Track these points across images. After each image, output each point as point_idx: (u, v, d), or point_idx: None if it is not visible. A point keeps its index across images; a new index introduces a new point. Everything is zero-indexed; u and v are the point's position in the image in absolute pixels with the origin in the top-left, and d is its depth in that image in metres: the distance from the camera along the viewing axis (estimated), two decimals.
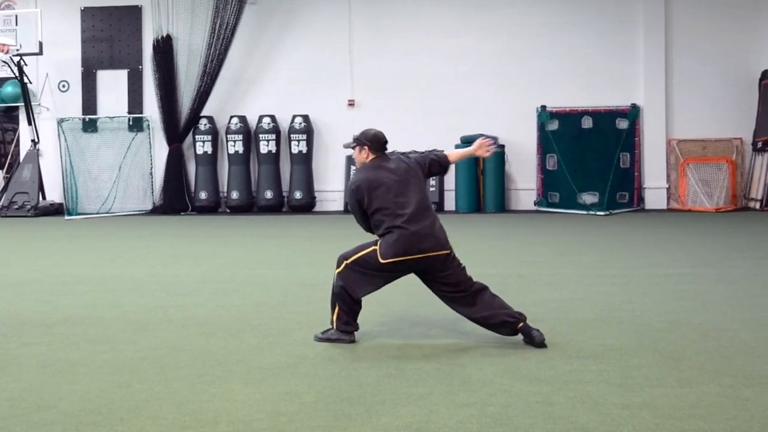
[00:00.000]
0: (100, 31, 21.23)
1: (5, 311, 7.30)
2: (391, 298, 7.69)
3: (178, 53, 20.59)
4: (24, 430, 4.10)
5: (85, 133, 20.96)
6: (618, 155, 18.94)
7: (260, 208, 20.13)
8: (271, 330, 6.40)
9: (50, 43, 20.24)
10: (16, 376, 5.15)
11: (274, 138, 20.13)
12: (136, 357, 5.59)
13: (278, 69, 20.62)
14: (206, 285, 8.73)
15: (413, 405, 4.42)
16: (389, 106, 20.14)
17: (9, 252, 12.63)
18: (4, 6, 21.48)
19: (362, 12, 20.40)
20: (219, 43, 20.09)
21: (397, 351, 5.64)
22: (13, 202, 20.06)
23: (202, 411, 4.37)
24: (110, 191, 20.59)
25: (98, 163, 20.79)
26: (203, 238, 14.39)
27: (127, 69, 21.23)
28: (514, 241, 13.07)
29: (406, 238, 5.86)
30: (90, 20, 21.27)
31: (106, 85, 21.30)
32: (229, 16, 20.01)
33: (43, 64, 20.89)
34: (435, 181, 19.50)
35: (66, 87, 21.35)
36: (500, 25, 19.95)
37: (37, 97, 21.20)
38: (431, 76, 20.06)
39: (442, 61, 20.04)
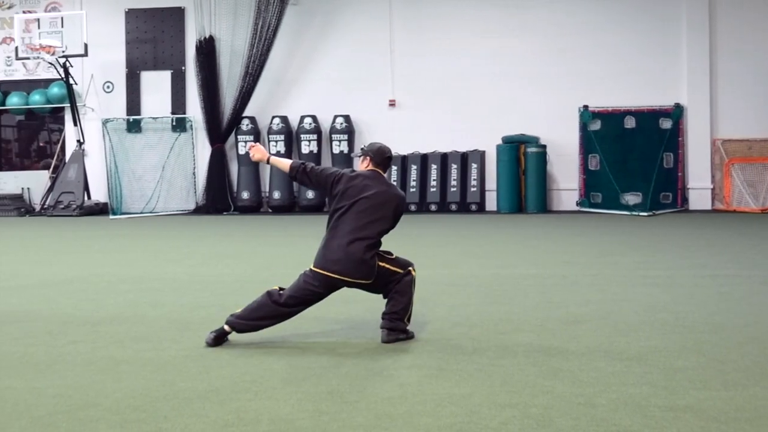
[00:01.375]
0: (143, 32, 21.46)
1: (51, 309, 7.40)
2: (432, 298, 7.69)
3: (221, 54, 20.75)
4: (69, 427, 4.15)
5: (129, 134, 21.20)
6: (661, 155, 18.74)
7: (302, 208, 20.21)
8: (313, 329, 6.42)
9: (95, 45, 20.47)
10: (61, 373, 5.21)
11: (315, 138, 20.20)
12: (179, 355, 5.63)
13: (319, 69, 20.69)
14: (248, 284, 8.77)
15: (455, 405, 4.41)
16: (429, 107, 20.13)
17: (55, 251, 12.80)
18: (50, 8, 21.77)
19: (403, 12, 20.40)
20: (261, 44, 20.21)
21: (438, 351, 5.62)
22: (59, 202, 20.34)
23: (244, 409, 4.40)
24: (154, 191, 20.79)
25: (142, 163, 21.00)
26: (245, 237, 14.48)
27: (170, 70, 21.43)
28: (556, 241, 12.98)
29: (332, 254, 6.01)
30: (134, 22, 21.50)
31: (149, 85, 21.53)
32: (270, 17, 20.11)
33: (88, 65, 21.16)
34: (476, 181, 19.46)
35: (110, 88, 21.60)
36: (541, 24, 19.85)
37: (83, 98, 21.47)
38: (471, 76, 20.00)
39: (482, 60, 19.97)
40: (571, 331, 6.23)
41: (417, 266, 6.25)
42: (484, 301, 7.56)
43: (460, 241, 13.12)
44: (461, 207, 19.50)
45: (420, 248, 12.19)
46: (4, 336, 6.30)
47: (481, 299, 7.64)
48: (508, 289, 8.18)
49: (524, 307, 7.24)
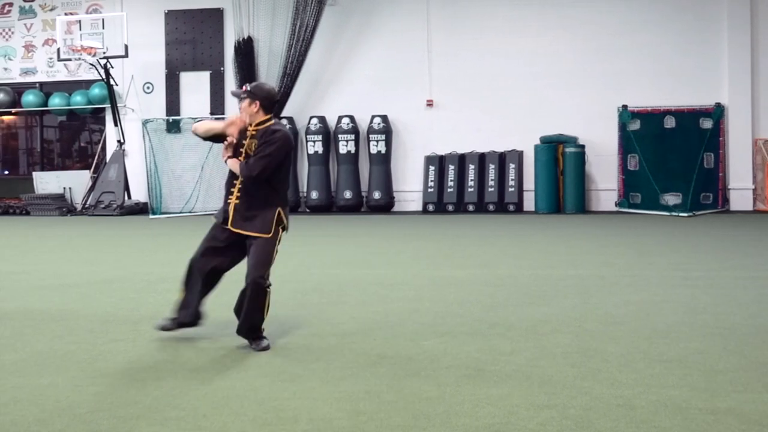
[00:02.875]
0: (183, 33, 21.63)
1: (93, 308, 7.49)
2: (469, 298, 7.68)
3: (259, 54, 20.85)
4: (110, 425, 4.20)
5: (169, 134, 21.37)
6: (702, 155, 18.54)
7: (339, 208, 20.25)
8: (350, 329, 6.43)
9: (135, 46, 20.67)
10: (103, 371, 5.27)
11: (353, 138, 20.24)
12: (218, 354, 5.68)
13: (357, 69, 20.73)
14: (286, 284, 8.81)
15: (492, 406, 4.40)
16: (467, 106, 20.10)
17: (96, 250, 12.95)
18: (91, 10, 22.02)
19: (440, 12, 20.37)
20: (299, 45, 20.28)
21: (476, 352, 5.61)
22: (99, 202, 20.57)
23: (282, 408, 4.42)
24: (192, 191, 20.94)
25: (181, 163, 21.16)
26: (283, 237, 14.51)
27: (209, 70, 21.59)
28: (595, 242, 12.90)
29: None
30: (173, 23, 21.68)
31: (189, 86, 21.71)
32: (308, 18, 20.18)
33: (129, 66, 21.37)
34: (514, 181, 19.40)
35: (150, 89, 21.80)
36: (578, 23, 19.73)
37: (123, 99, 21.69)
38: (509, 76, 19.93)
39: (519, 60, 19.90)
40: (610, 332, 6.19)
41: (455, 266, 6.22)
42: (521, 301, 7.54)
43: (498, 242, 13.09)
44: (499, 207, 19.44)
45: (458, 248, 12.18)
46: (46, 334, 6.38)
47: (518, 300, 7.61)
48: (546, 290, 8.14)
49: (562, 308, 7.20)
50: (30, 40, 22.73)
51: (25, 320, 6.97)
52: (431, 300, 7.68)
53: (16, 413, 4.37)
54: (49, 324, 6.79)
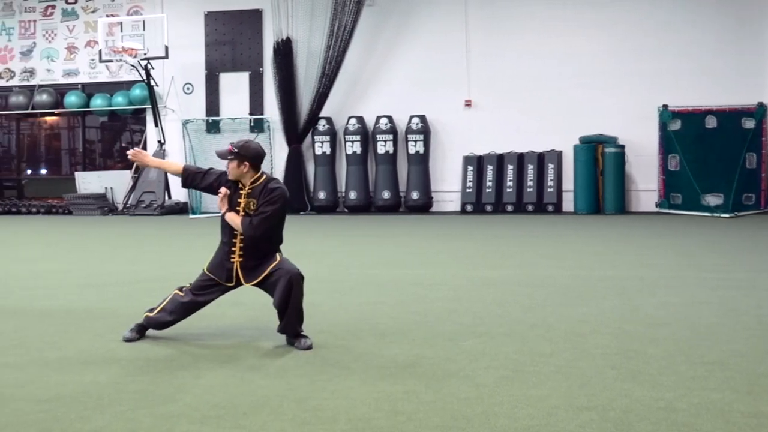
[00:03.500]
0: (222, 34, 21.78)
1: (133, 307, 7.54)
2: (508, 299, 7.66)
3: (298, 55, 20.94)
4: (151, 423, 4.23)
5: (209, 134, 21.54)
6: (744, 155, 18.30)
7: (377, 208, 20.27)
8: (389, 329, 6.43)
9: (175, 47, 20.85)
10: (143, 369, 5.32)
11: (391, 138, 20.25)
12: (257, 354, 5.71)
13: (395, 70, 20.74)
14: (324, 284, 8.84)
15: (532, 407, 4.38)
16: (506, 106, 20.03)
17: (137, 249, 13.08)
18: (132, 11, 22.24)
19: (478, 12, 20.32)
20: (337, 45, 20.33)
21: (514, 353, 5.59)
22: (140, 201, 20.78)
23: (321, 408, 4.43)
24: None
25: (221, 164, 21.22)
26: (321, 237, 14.59)
27: (248, 71, 21.71)
28: (634, 243, 12.79)
29: None
30: (213, 24, 21.83)
31: (228, 87, 21.85)
32: (347, 18, 20.23)
33: (169, 67, 21.55)
34: (553, 182, 19.30)
35: (190, 89, 21.98)
36: (617, 22, 19.58)
37: (163, 100, 21.89)
38: (548, 75, 19.83)
39: (558, 60, 19.79)
40: (650, 333, 6.14)
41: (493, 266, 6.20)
42: (560, 302, 7.50)
43: (537, 242, 13.02)
44: (538, 207, 19.36)
45: (496, 249, 12.14)
46: (88, 332, 6.45)
47: (557, 301, 7.57)
48: (585, 291, 8.09)
49: (602, 309, 7.15)
50: (72, 41, 23.01)
51: (68, 318, 7.06)
52: (469, 300, 7.67)
53: (58, 410, 4.43)
54: (91, 322, 6.87)
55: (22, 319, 7.06)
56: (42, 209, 21.93)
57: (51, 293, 8.47)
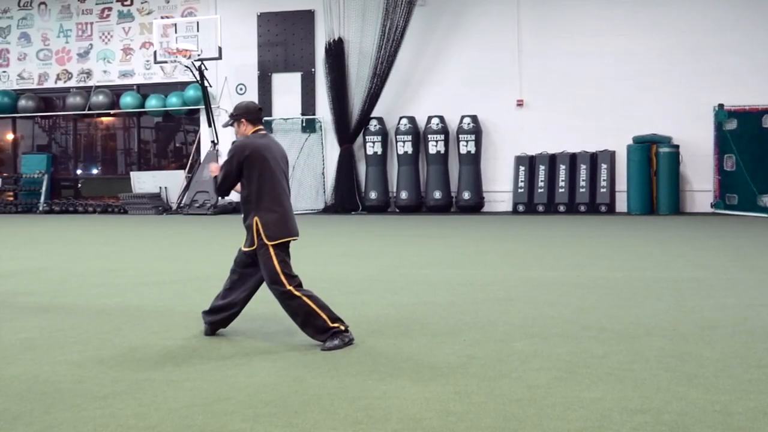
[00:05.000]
0: (275, 35, 21.93)
1: (187, 305, 7.64)
2: (560, 300, 7.60)
3: (350, 56, 21.01)
4: (205, 419, 4.28)
5: None
6: None
7: (429, 208, 20.26)
8: (440, 329, 6.43)
9: (229, 48, 21.05)
10: (197, 366, 5.38)
11: (442, 138, 20.23)
12: (309, 352, 5.73)
13: (447, 70, 20.71)
14: (375, 283, 8.86)
15: (585, 409, 4.34)
16: (558, 106, 19.90)
17: (191, 248, 13.22)
18: (187, 13, 22.49)
19: (531, 12, 20.21)
20: (389, 45, 20.36)
21: (567, 354, 5.55)
22: (194, 201, 21.00)
23: (373, 407, 4.44)
24: None
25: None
26: (373, 237, 14.62)
27: (300, 72, 21.83)
28: (689, 244, 12.62)
29: (289, 219, 6.12)
30: (266, 25, 21.99)
31: (280, 87, 21.99)
32: (398, 19, 20.24)
33: (222, 68, 21.75)
34: (606, 182, 19.12)
35: (243, 90, 22.16)
36: (671, 21, 19.34)
37: (217, 100, 22.10)
38: (601, 75, 19.67)
39: (611, 59, 19.62)
40: (705, 336, 6.05)
41: (545, 267, 6.17)
42: (614, 304, 7.42)
43: (589, 243, 12.92)
44: (590, 208, 19.20)
45: (548, 249, 12.06)
46: (143, 330, 6.54)
47: (611, 302, 7.50)
48: (638, 292, 8.00)
49: (656, 310, 7.07)
50: (128, 43, 23.34)
51: (123, 316, 7.16)
52: (521, 301, 7.63)
53: (114, 406, 4.49)
54: (145, 320, 6.96)
55: (79, 316, 7.18)
56: (98, 208, 22.29)
57: (106, 291, 8.60)
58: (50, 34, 24.03)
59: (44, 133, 25.30)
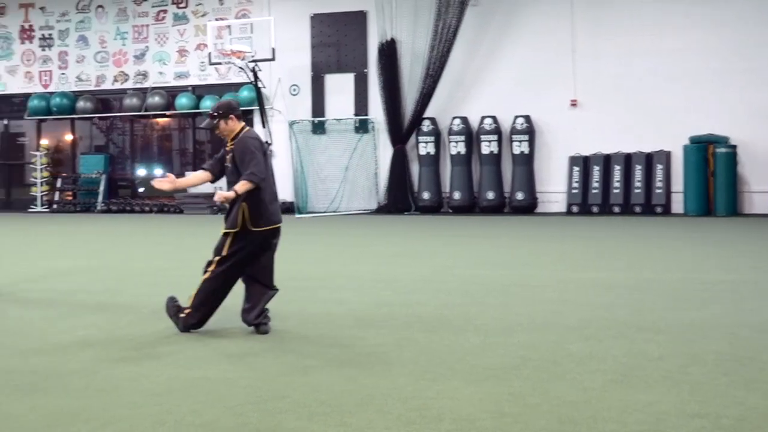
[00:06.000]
0: (328, 36, 22.01)
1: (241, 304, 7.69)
2: (615, 302, 7.53)
3: (402, 56, 21.02)
4: (259, 418, 4.31)
5: (314, 135, 21.81)
6: None
7: (482, 208, 20.19)
8: (494, 330, 6.40)
9: (282, 49, 21.17)
10: (252, 365, 5.42)
11: (495, 139, 20.14)
12: (362, 352, 5.75)
13: (499, 70, 20.62)
14: (429, 284, 8.86)
15: (640, 413, 4.29)
16: (612, 106, 19.70)
17: None
18: (241, 15, 22.68)
19: (585, 12, 20.03)
20: (441, 46, 20.33)
21: (622, 356, 5.49)
22: None
23: (426, 407, 4.44)
24: (337, 191, 21.30)
25: (326, 164, 21.55)
26: (426, 237, 14.60)
27: (353, 72, 21.89)
28: (748, 245, 12.41)
29: (274, 208, 6.43)
30: (319, 26, 22.08)
31: (333, 88, 22.07)
32: (450, 18, 20.20)
33: (276, 69, 21.88)
34: (662, 183, 18.90)
35: (296, 91, 22.28)
36: (728, 19, 19.01)
37: (270, 101, 22.24)
38: (656, 74, 19.43)
39: (667, 58, 19.35)
40: (765, 339, 5.95)
41: (600, 269, 6.11)
42: (670, 306, 7.33)
43: (645, 244, 12.76)
44: (646, 209, 18.97)
45: (603, 250, 11.95)
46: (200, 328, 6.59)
47: (667, 304, 7.40)
48: (696, 295, 7.89)
49: (713, 313, 6.96)
50: (183, 45, 23.61)
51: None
52: (576, 302, 7.57)
53: (171, 403, 4.55)
54: None
55: (136, 314, 7.28)
56: (154, 208, 22.58)
57: (162, 290, 8.68)
58: (107, 37, 24.40)
59: (102, 134, 25.70)
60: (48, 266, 10.98)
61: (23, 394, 4.81)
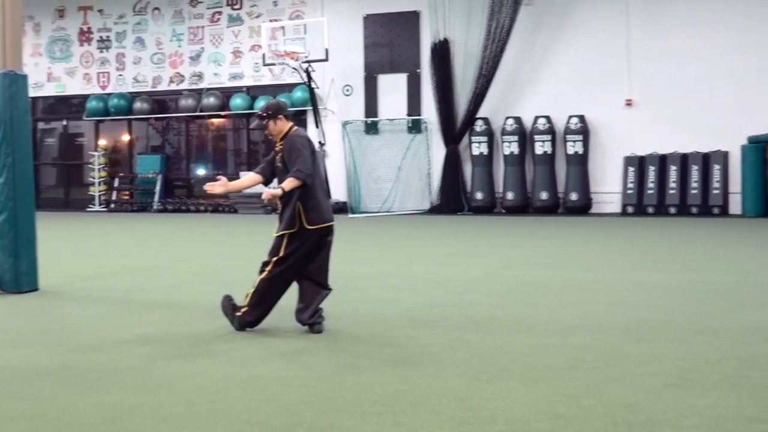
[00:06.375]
0: (380, 36, 22.05)
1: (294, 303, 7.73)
2: (671, 304, 7.44)
3: (455, 56, 20.97)
4: (313, 417, 4.33)
5: (367, 135, 21.86)
6: None
7: (535, 209, 20.06)
8: (548, 331, 6.36)
9: (335, 50, 21.24)
10: (305, 365, 5.45)
11: (549, 139, 20.01)
12: (415, 352, 5.74)
13: (553, 69, 20.48)
14: (481, 284, 8.83)
15: (698, 416, 4.23)
16: (668, 106, 19.47)
17: None
18: (294, 16, 22.81)
19: (640, 12, 19.82)
20: (494, 45, 20.25)
21: (679, 359, 5.42)
22: None
23: (480, 408, 4.42)
24: (390, 191, 21.32)
25: (379, 164, 21.59)
26: (479, 238, 14.55)
27: (406, 73, 21.90)
28: None
29: (327, 206, 6.50)
30: (371, 26, 22.13)
31: (386, 88, 22.09)
32: (504, 18, 20.11)
33: (329, 69, 21.96)
34: (719, 183, 18.62)
35: (350, 91, 22.35)
36: None
37: (324, 101, 22.34)
38: (713, 73, 19.16)
39: (725, 57, 19.07)
40: None
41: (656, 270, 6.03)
42: (728, 308, 7.22)
43: (702, 245, 12.59)
44: (702, 210, 18.70)
45: (659, 251, 11.81)
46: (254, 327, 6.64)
47: (725, 306, 7.30)
48: (755, 297, 7.77)
49: None
50: (237, 46, 23.82)
51: None
52: (631, 304, 7.49)
53: (227, 401, 4.59)
54: None
55: (191, 313, 7.36)
56: (209, 207, 22.81)
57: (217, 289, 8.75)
58: (163, 39, 24.72)
59: (158, 134, 26.03)
60: (105, 265, 11.15)
61: (82, 390, 4.89)
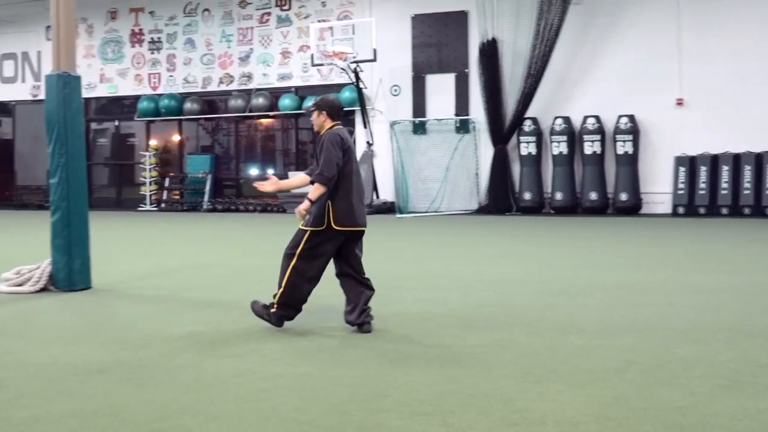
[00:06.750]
0: (428, 36, 22.05)
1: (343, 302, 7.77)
2: (723, 306, 7.35)
3: (503, 56, 20.91)
4: (362, 416, 4.35)
5: (415, 135, 21.87)
6: None
7: (584, 209, 19.92)
8: (597, 332, 6.32)
9: (383, 50, 21.28)
10: (352, 364, 5.47)
11: (598, 139, 19.85)
12: (463, 352, 5.74)
13: (602, 69, 20.32)
14: (530, 285, 8.79)
15: (751, 420, 4.18)
16: (720, 105, 19.22)
17: None
18: (342, 16, 22.89)
19: (691, 11, 19.58)
20: (543, 45, 20.14)
21: (731, 361, 5.35)
22: None
23: (528, 409, 4.41)
24: (438, 191, 21.30)
25: (427, 164, 21.58)
26: (527, 238, 14.49)
27: (454, 72, 21.87)
28: None
29: (358, 210, 6.44)
30: (419, 26, 22.13)
31: (434, 88, 22.08)
32: (552, 18, 20.00)
33: (377, 70, 22.01)
34: (750, 178, 18.34)
35: (397, 91, 22.37)
36: None
37: (372, 102, 22.39)
38: (765, 72, 18.87)
39: None
40: None
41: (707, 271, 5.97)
42: None
43: (754, 247, 12.40)
44: (755, 210, 18.43)
45: (710, 253, 11.67)
46: (302, 325, 6.67)
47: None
48: None
49: None
50: (286, 47, 23.97)
51: None
52: (682, 306, 7.41)
53: (276, 399, 4.63)
54: (304, 316, 7.08)
55: (242, 311, 7.41)
56: (258, 207, 22.99)
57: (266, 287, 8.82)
58: (213, 40, 24.95)
59: (207, 135, 26.30)
60: (157, 264, 11.30)
61: (133, 387, 4.96)
